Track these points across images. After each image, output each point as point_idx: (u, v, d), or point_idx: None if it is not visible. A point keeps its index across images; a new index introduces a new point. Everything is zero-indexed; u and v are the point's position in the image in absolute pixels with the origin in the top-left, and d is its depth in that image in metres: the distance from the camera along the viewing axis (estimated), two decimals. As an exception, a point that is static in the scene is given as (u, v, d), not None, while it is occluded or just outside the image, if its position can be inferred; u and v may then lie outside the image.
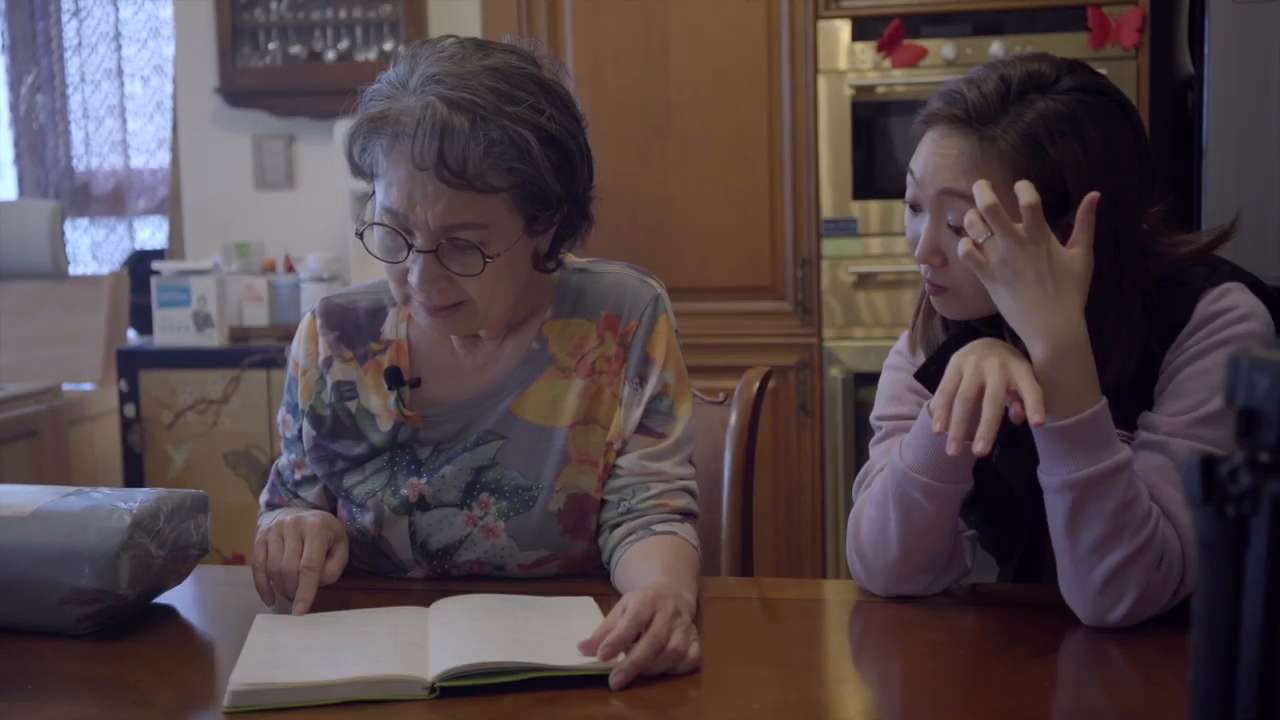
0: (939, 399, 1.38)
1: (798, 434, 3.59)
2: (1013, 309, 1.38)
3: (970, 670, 1.34)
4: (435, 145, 1.42)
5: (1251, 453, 0.65)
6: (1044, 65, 1.43)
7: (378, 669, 1.27)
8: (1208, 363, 1.41)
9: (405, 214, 1.47)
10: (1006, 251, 1.36)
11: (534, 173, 1.46)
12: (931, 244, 1.46)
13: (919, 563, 1.48)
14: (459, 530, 1.62)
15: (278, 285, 3.97)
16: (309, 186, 4.20)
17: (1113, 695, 1.27)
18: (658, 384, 1.61)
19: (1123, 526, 1.35)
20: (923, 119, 1.46)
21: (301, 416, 1.66)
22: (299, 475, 1.68)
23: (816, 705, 1.27)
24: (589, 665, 1.27)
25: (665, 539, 1.54)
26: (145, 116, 4.83)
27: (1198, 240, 1.49)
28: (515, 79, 1.47)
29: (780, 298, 3.61)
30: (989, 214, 1.35)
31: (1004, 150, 1.39)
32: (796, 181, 3.55)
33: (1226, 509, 0.66)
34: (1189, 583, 1.38)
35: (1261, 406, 0.66)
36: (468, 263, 1.48)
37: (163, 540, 1.48)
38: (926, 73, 3.42)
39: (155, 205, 4.83)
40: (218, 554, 3.76)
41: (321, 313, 1.67)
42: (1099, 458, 1.35)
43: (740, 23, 3.56)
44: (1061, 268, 1.36)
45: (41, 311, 4.26)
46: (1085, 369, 1.36)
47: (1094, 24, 3.31)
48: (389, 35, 4.06)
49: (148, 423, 3.84)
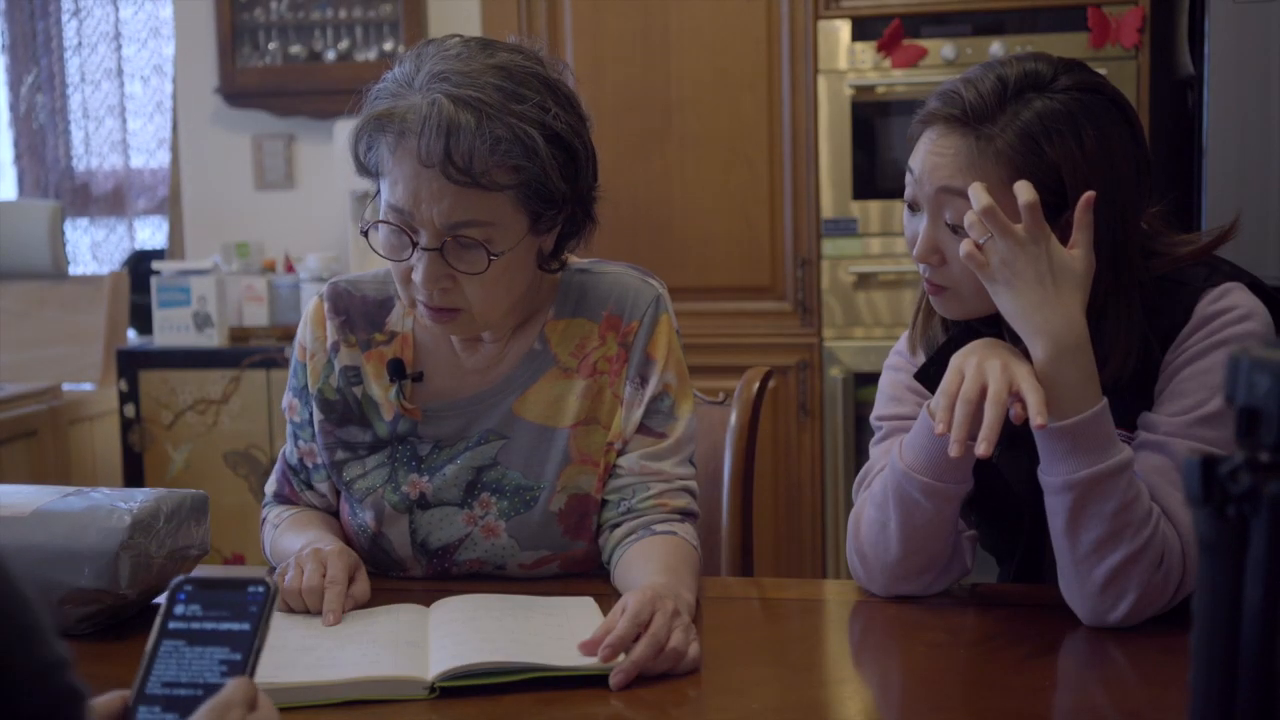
0: (940, 400, 1.38)
1: (798, 434, 3.59)
2: (1013, 309, 1.38)
3: (970, 670, 1.34)
4: (442, 143, 1.42)
5: (1251, 453, 0.65)
6: (1041, 65, 1.43)
7: (378, 669, 1.27)
8: (1207, 363, 1.41)
9: (411, 211, 1.47)
10: (1006, 252, 1.36)
11: (539, 171, 1.46)
12: (930, 243, 1.46)
13: (919, 563, 1.48)
14: (459, 529, 1.62)
15: (278, 285, 3.97)
16: (309, 186, 4.20)
17: (1113, 695, 1.27)
18: (659, 384, 1.61)
19: (1123, 527, 1.35)
20: (920, 119, 1.47)
21: (310, 400, 1.66)
22: (310, 465, 1.68)
23: (816, 705, 1.27)
24: (589, 665, 1.27)
25: (665, 539, 1.54)
26: (145, 116, 4.83)
27: (1198, 240, 1.49)
28: (521, 77, 1.48)
29: (780, 298, 3.61)
30: (986, 215, 1.35)
31: (1001, 149, 1.39)
32: (796, 181, 3.55)
33: (1226, 509, 0.66)
34: (1189, 583, 1.38)
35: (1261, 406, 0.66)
36: (472, 261, 1.48)
37: (162, 540, 1.48)
38: (926, 73, 3.42)
39: (155, 205, 4.83)
40: (217, 554, 3.76)
41: (329, 297, 1.67)
42: (1100, 458, 1.35)
43: (740, 23, 3.56)
44: (1062, 268, 1.36)
45: (41, 311, 4.26)
46: (1086, 369, 1.36)
47: (1094, 24, 3.31)
48: (389, 35, 4.06)
49: (148, 423, 3.84)
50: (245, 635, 0.98)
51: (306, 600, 1.44)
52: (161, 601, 1.01)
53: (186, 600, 1.00)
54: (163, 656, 0.98)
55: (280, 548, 1.63)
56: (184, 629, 0.99)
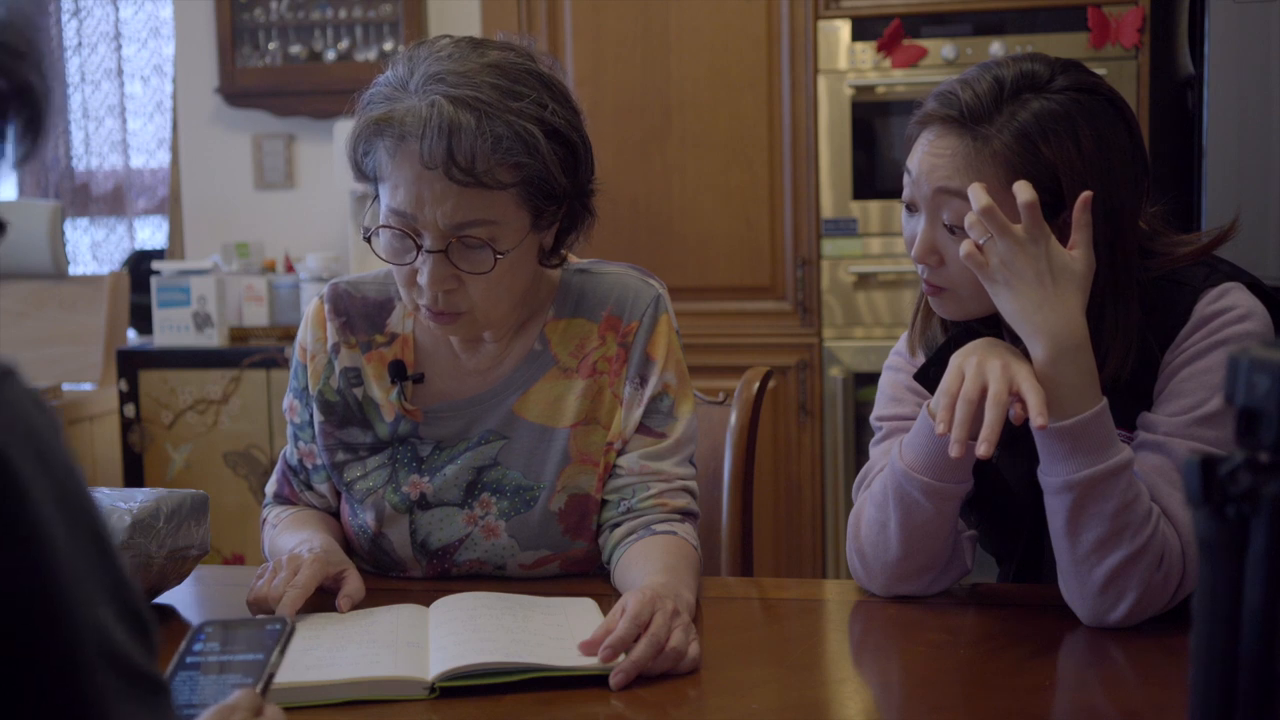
0: (941, 400, 1.38)
1: (798, 434, 3.59)
2: (1013, 310, 1.38)
3: (970, 670, 1.34)
4: (444, 144, 1.42)
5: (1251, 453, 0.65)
6: (1038, 65, 1.43)
7: (378, 669, 1.27)
8: (1207, 363, 1.41)
9: (414, 215, 1.47)
10: (1006, 252, 1.36)
11: (541, 167, 1.46)
12: (928, 244, 1.46)
13: (919, 562, 1.48)
14: (460, 529, 1.62)
15: (278, 285, 3.97)
16: (309, 186, 4.20)
17: (1113, 695, 1.27)
18: (658, 384, 1.62)
19: (1123, 527, 1.35)
20: (918, 119, 1.47)
21: (311, 402, 1.66)
22: (310, 466, 1.68)
23: (816, 705, 1.27)
24: (589, 665, 1.27)
25: (665, 538, 1.54)
26: (145, 116, 4.83)
27: (1197, 241, 1.49)
28: (516, 74, 1.48)
29: (780, 298, 3.61)
30: (985, 216, 1.35)
31: (998, 150, 1.39)
32: (796, 181, 3.55)
33: (1226, 509, 0.66)
34: (1189, 583, 1.38)
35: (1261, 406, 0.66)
36: (478, 261, 1.48)
37: (163, 540, 1.48)
38: (926, 73, 3.42)
39: (155, 205, 4.83)
40: (217, 554, 3.76)
41: (329, 298, 1.67)
42: (1100, 458, 1.35)
43: (740, 23, 3.56)
44: (1062, 268, 1.36)
45: (41, 311, 4.26)
46: (1086, 370, 1.36)
47: (1094, 24, 3.31)
48: (389, 35, 4.06)
49: (148, 423, 3.84)
50: (259, 663, 1.00)
51: (270, 602, 1.42)
52: (184, 641, 1.03)
53: (206, 639, 1.03)
54: (177, 684, 0.99)
55: (276, 547, 1.63)
56: (200, 661, 1.00)
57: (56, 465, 0.72)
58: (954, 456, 1.35)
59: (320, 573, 1.45)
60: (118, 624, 0.73)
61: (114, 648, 0.72)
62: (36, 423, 0.71)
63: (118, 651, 0.72)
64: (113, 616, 0.73)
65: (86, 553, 0.72)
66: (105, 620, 0.72)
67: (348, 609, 1.44)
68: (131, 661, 0.73)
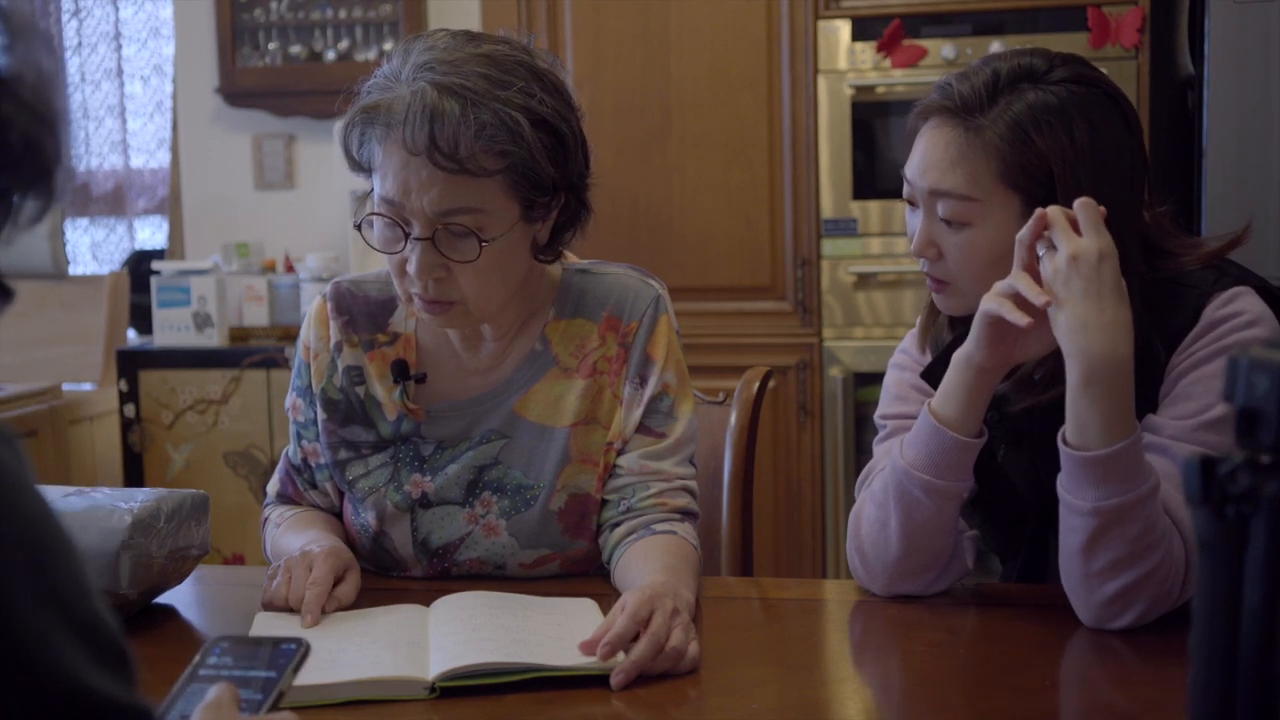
0: (1018, 280, 1.35)
1: (798, 434, 3.59)
2: (1059, 322, 1.33)
3: (970, 670, 1.34)
4: (426, 130, 1.43)
5: (1251, 453, 0.65)
6: (1036, 58, 1.43)
7: (378, 669, 1.27)
8: (1213, 368, 1.40)
9: (401, 202, 1.47)
10: (1060, 262, 1.32)
11: (526, 155, 1.47)
12: (926, 237, 1.46)
13: (919, 562, 1.48)
14: (460, 528, 1.62)
15: (278, 285, 3.97)
16: (309, 186, 4.20)
17: (1113, 695, 1.27)
18: (658, 384, 1.62)
19: (1143, 550, 1.33)
20: (917, 112, 1.48)
21: (314, 400, 1.66)
22: (314, 465, 1.68)
23: (816, 705, 1.27)
24: (589, 665, 1.27)
25: (665, 538, 1.54)
26: (145, 116, 4.82)
27: (1207, 245, 1.49)
28: (506, 65, 1.48)
29: (780, 298, 3.61)
30: (1041, 222, 1.34)
31: (990, 140, 1.40)
32: (796, 181, 3.55)
33: (1226, 509, 0.66)
34: (1191, 585, 1.38)
35: (1261, 407, 0.66)
36: (464, 249, 1.48)
37: (163, 540, 1.48)
38: (926, 73, 3.42)
39: (155, 205, 4.82)
40: (218, 554, 3.76)
41: (332, 297, 1.67)
42: (1130, 487, 1.32)
43: (740, 23, 3.56)
44: (1115, 289, 1.31)
45: (41, 311, 4.26)
46: (1120, 398, 1.32)
47: (1094, 24, 3.31)
48: (389, 35, 4.06)
49: (148, 423, 3.84)
50: (270, 680, 1.00)
51: (291, 604, 1.44)
52: (198, 654, 1.03)
53: (220, 654, 1.03)
54: (187, 696, 1.00)
55: (280, 547, 1.63)
56: (213, 675, 1.01)
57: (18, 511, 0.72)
58: (1022, 325, 1.33)
59: (334, 568, 1.47)
60: (89, 664, 0.73)
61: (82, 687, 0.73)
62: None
63: (88, 690, 0.73)
64: (83, 658, 0.73)
65: (48, 599, 0.73)
66: (73, 662, 0.72)
67: (332, 609, 1.44)
68: (106, 697, 0.74)
